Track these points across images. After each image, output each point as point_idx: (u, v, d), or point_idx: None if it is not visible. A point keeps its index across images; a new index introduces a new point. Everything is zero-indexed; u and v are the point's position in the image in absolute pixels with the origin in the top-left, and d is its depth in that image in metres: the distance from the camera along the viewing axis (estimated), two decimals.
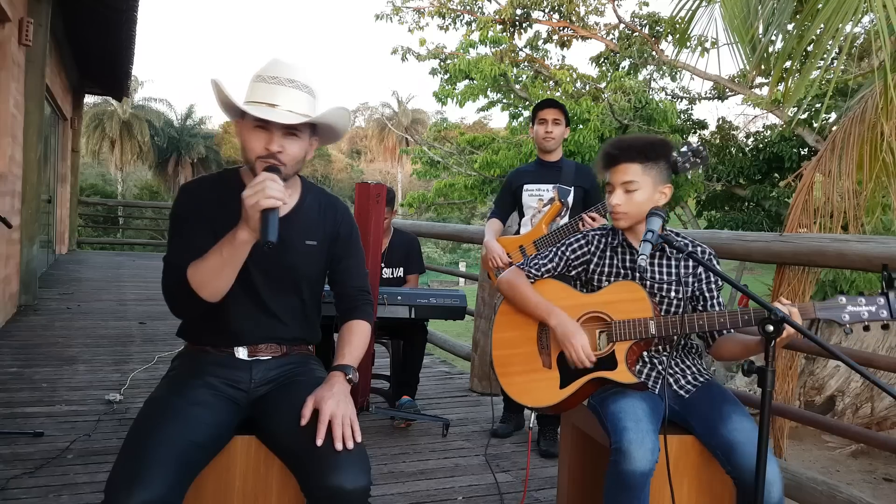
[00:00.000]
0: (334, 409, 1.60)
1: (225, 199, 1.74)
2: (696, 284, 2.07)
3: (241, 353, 1.79)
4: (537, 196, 3.32)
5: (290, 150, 1.70)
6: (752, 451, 1.77)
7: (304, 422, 1.61)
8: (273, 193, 1.56)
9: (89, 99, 17.10)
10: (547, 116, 3.29)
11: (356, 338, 1.84)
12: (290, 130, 1.69)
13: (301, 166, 1.78)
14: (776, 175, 13.64)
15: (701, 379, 2.06)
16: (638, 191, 2.00)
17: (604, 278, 2.11)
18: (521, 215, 3.41)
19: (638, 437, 1.80)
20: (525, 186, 3.36)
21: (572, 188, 3.26)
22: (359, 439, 1.59)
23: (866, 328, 1.73)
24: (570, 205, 3.24)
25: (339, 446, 1.55)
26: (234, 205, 1.65)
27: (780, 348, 1.70)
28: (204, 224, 1.71)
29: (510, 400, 3.61)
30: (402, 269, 3.95)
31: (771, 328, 1.59)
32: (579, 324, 2.06)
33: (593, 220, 3.00)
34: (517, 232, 3.42)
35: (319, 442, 1.56)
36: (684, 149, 2.55)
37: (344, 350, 1.81)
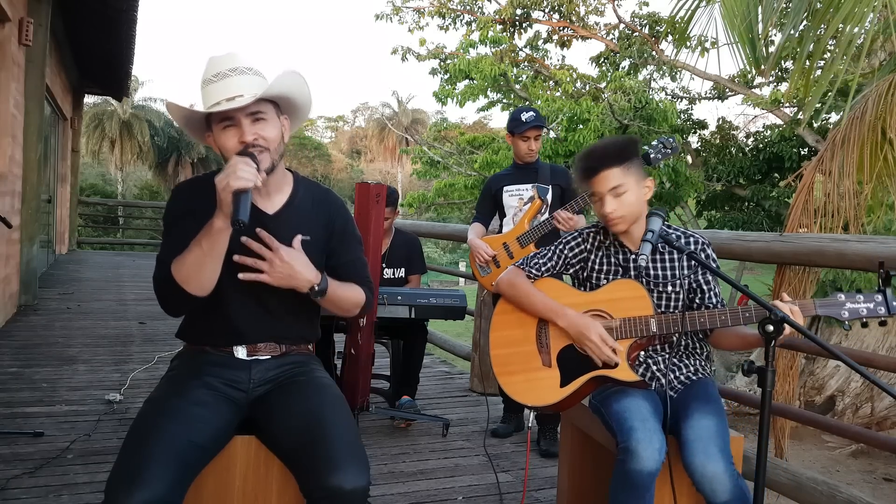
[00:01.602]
0: (278, 269, 1.64)
1: (215, 200, 1.74)
2: (691, 276, 2.07)
3: (241, 352, 1.79)
4: (517, 196, 3.40)
5: (266, 134, 1.69)
6: (698, 449, 1.80)
7: (248, 241, 1.65)
8: (243, 174, 1.56)
9: (89, 99, 17.11)
10: (530, 135, 3.38)
11: (348, 287, 1.82)
12: (257, 115, 1.68)
13: (283, 148, 1.76)
14: (776, 175, 13.65)
15: (693, 378, 2.06)
16: (626, 192, 2.00)
17: (602, 276, 2.12)
18: (503, 216, 3.48)
19: (646, 437, 1.80)
20: (505, 188, 3.45)
21: (550, 186, 3.35)
22: (266, 278, 1.64)
23: (864, 324, 1.76)
24: (550, 202, 3.32)
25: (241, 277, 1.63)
26: None
27: (778, 347, 1.71)
28: (195, 224, 1.70)
29: (510, 400, 3.62)
30: (403, 269, 3.95)
31: (771, 328, 1.59)
32: None
33: (569, 218, 3.10)
34: (500, 231, 3.47)
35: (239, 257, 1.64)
36: (655, 142, 2.81)
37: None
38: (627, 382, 1.97)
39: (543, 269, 2.17)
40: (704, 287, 2.06)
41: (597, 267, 2.13)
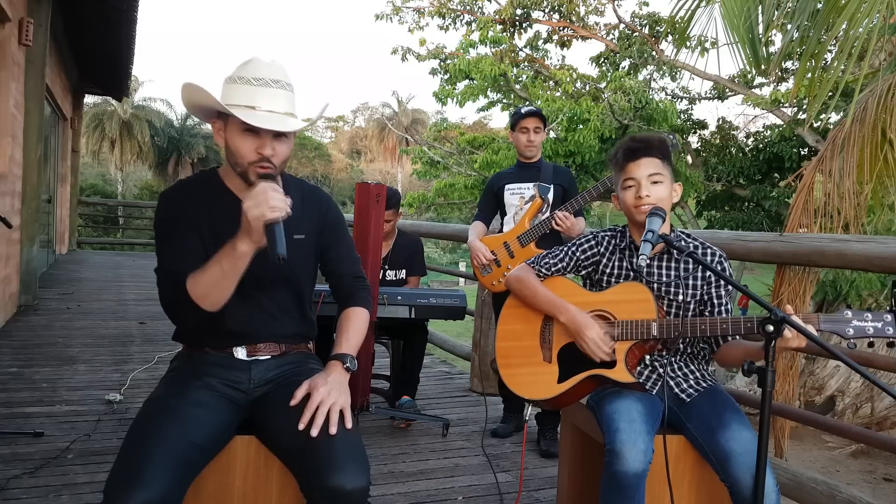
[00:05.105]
0: (325, 396, 1.61)
1: (207, 201, 1.74)
2: (704, 288, 2.06)
3: (240, 353, 1.79)
4: (519, 194, 3.40)
5: (281, 152, 1.69)
6: (748, 462, 1.77)
7: (293, 402, 1.61)
8: (277, 204, 1.51)
9: (89, 99, 17.10)
10: (528, 125, 3.36)
11: (353, 325, 1.84)
12: (281, 134, 1.68)
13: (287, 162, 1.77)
14: (776, 175, 13.66)
15: (704, 384, 2.06)
16: (662, 184, 2.01)
17: (612, 279, 2.12)
18: (504, 214, 3.48)
19: (630, 438, 1.79)
20: (507, 186, 3.44)
21: (552, 186, 3.34)
22: (349, 425, 1.59)
23: (870, 345, 1.72)
24: (551, 201, 3.31)
25: (314, 433, 1.55)
26: (217, 206, 1.66)
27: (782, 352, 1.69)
28: (190, 228, 1.69)
29: (510, 400, 3.63)
30: (404, 271, 3.95)
31: (771, 328, 1.58)
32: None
33: (565, 218, 3.11)
34: (501, 230, 3.47)
35: (301, 426, 1.57)
36: None
37: (341, 339, 1.80)
38: (624, 384, 1.97)
39: (553, 269, 2.18)
40: (715, 301, 2.05)
41: (608, 270, 2.13)
